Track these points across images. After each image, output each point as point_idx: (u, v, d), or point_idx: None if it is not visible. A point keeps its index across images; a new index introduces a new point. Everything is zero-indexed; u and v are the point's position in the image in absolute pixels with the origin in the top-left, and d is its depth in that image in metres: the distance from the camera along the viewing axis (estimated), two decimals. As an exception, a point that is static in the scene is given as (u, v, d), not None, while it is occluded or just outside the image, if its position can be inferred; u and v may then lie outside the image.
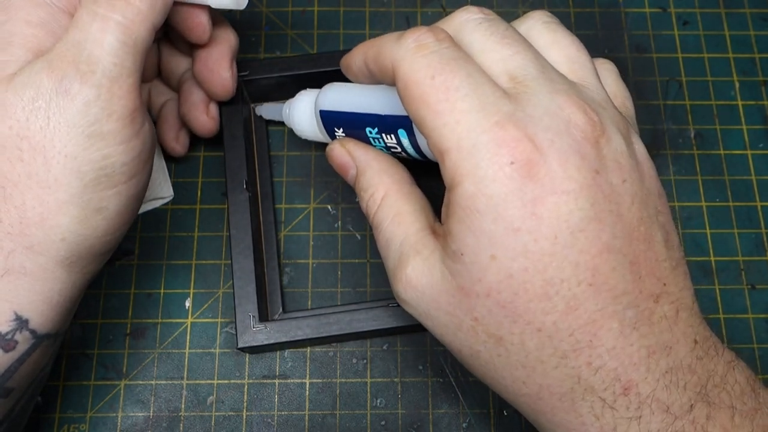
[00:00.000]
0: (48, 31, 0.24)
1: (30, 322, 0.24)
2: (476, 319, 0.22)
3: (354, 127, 0.29)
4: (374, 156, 0.28)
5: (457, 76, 0.21)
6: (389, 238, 0.25)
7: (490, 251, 0.21)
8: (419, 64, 0.22)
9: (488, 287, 0.21)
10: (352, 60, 0.27)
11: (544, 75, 0.22)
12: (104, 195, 0.24)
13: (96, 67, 0.23)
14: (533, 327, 0.21)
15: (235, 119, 0.35)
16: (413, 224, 0.25)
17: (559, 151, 0.21)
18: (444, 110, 0.21)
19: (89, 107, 0.23)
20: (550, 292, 0.21)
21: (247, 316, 0.32)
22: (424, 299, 0.23)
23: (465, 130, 0.21)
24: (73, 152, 0.23)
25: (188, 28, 0.30)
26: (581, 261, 0.21)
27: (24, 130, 0.23)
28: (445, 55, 0.22)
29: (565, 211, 0.20)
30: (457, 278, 0.22)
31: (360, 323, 0.32)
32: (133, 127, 0.25)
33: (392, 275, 0.25)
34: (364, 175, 0.27)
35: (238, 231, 0.33)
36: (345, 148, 0.28)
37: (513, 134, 0.21)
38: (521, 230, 0.20)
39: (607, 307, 0.21)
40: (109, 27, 0.24)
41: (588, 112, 0.22)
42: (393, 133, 0.27)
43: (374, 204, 0.27)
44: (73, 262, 0.25)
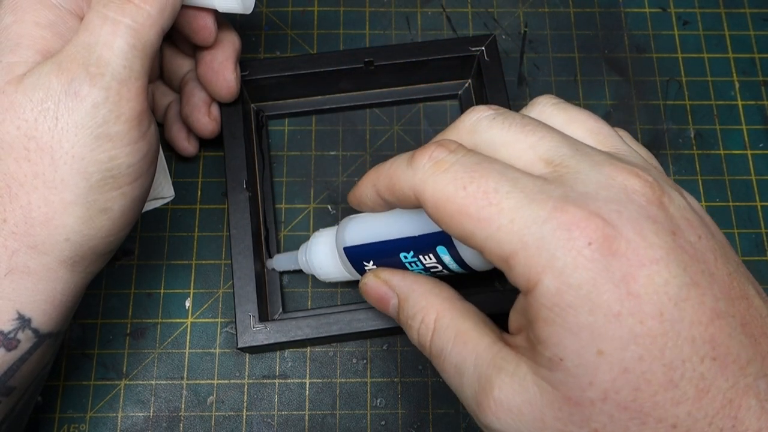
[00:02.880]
0: (56, 32, 0.25)
1: (32, 321, 0.24)
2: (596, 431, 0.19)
3: (386, 255, 0.27)
4: (414, 279, 0.25)
5: (490, 178, 0.20)
6: (458, 363, 0.22)
7: (596, 347, 0.18)
8: (444, 180, 0.21)
9: (603, 390, 0.18)
10: (361, 195, 0.25)
11: (579, 151, 0.21)
12: (109, 196, 0.25)
13: (105, 69, 0.24)
14: (667, 424, 0.18)
15: (236, 119, 0.35)
16: (482, 339, 0.22)
17: (630, 219, 0.19)
18: (491, 215, 0.20)
19: (98, 109, 0.23)
20: (674, 377, 0.18)
21: (247, 316, 0.32)
22: (523, 422, 0.20)
23: (523, 225, 0.19)
24: (81, 153, 0.23)
25: (194, 30, 0.30)
26: (696, 334, 0.18)
27: (32, 131, 0.23)
28: (467, 163, 0.21)
29: (661, 281, 0.18)
30: (561, 388, 0.19)
31: (360, 323, 0.32)
32: (140, 129, 0.25)
33: (476, 406, 0.21)
34: (408, 301, 0.25)
35: (238, 231, 0.33)
36: (380, 278, 0.26)
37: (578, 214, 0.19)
38: (622, 314, 0.18)
39: (738, 382, 0.18)
40: (119, 30, 0.24)
41: (641, 175, 0.20)
42: (431, 253, 0.25)
43: (427, 330, 0.24)
44: (77, 262, 0.25)
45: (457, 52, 0.36)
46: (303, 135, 0.38)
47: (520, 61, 0.40)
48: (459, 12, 0.41)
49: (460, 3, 0.41)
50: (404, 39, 0.40)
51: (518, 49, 0.40)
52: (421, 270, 0.26)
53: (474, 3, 0.41)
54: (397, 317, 0.26)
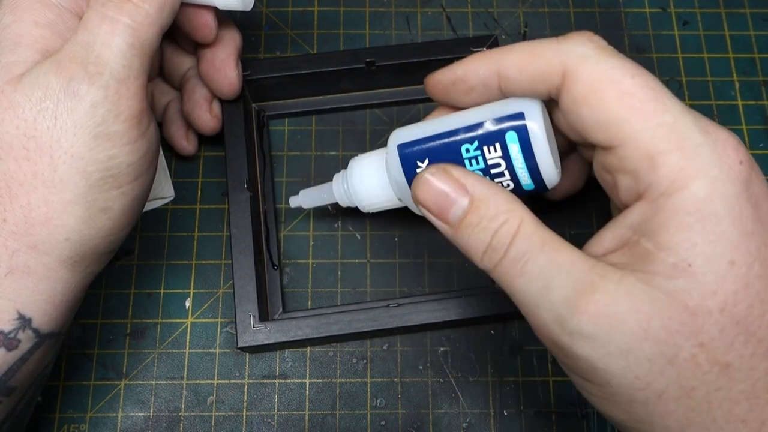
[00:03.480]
0: (55, 32, 0.25)
1: (33, 321, 0.24)
2: (702, 344, 0.19)
3: (444, 151, 0.24)
4: (494, 184, 0.23)
5: (652, 79, 0.21)
6: (545, 266, 0.21)
7: (730, 256, 0.19)
8: (610, 62, 0.21)
9: (724, 300, 0.19)
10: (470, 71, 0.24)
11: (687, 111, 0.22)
12: (109, 195, 0.25)
13: (104, 68, 0.24)
14: (765, 346, 0.19)
15: (237, 118, 0.35)
16: (575, 251, 0.21)
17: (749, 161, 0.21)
18: (656, 110, 0.20)
19: (96, 108, 0.23)
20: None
21: (247, 315, 0.32)
22: (623, 330, 0.19)
23: (687, 129, 0.20)
24: (80, 152, 0.23)
25: (194, 28, 0.30)
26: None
27: (31, 130, 0.23)
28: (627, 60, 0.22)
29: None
30: (681, 295, 0.19)
31: (360, 323, 0.32)
32: (140, 128, 0.25)
33: (566, 309, 0.20)
34: (488, 202, 0.22)
35: (239, 230, 0.33)
36: (450, 174, 0.23)
37: (731, 137, 0.20)
38: (755, 234, 0.19)
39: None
40: (117, 29, 0.24)
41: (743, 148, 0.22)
42: (499, 142, 0.23)
43: (508, 233, 0.22)
44: (77, 262, 0.25)
45: (458, 52, 0.35)
46: (303, 135, 0.38)
47: (520, 61, 0.40)
48: (459, 12, 0.41)
49: (460, 3, 0.41)
50: (404, 39, 0.40)
51: (518, 49, 0.40)
52: (480, 170, 0.24)
53: (474, 3, 0.41)
54: (458, 221, 0.23)
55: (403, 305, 0.32)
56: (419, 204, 0.24)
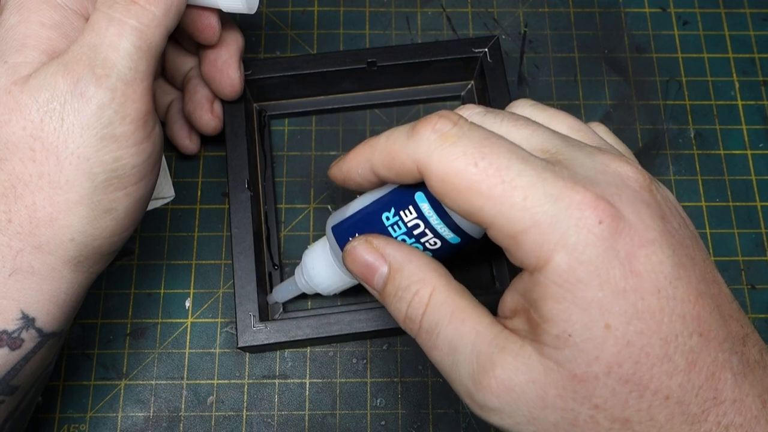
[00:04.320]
0: (62, 33, 0.25)
1: (36, 321, 0.24)
2: (597, 407, 0.20)
3: (368, 223, 0.26)
4: (410, 251, 0.24)
5: (500, 155, 0.20)
6: (454, 339, 0.22)
7: (604, 320, 0.19)
8: (453, 154, 0.21)
9: (608, 363, 0.19)
10: (350, 170, 0.25)
11: (570, 143, 0.22)
12: (114, 196, 0.25)
13: (111, 70, 0.24)
14: (661, 396, 0.19)
15: (238, 118, 0.35)
16: (482, 319, 0.22)
17: (629, 203, 0.20)
18: (504, 192, 0.20)
19: (103, 110, 0.23)
20: (669, 351, 0.19)
21: (247, 315, 0.32)
22: (525, 402, 0.20)
23: (537, 203, 0.20)
24: (86, 154, 0.23)
25: (198, 29, 0.30)
26: (686, 312, 0.20)
27: (38, 131, 0.23)
28: (475, 138, 0.21)
29: (657, 261, 0.19)
30: (568, 365, 0.20)
31: (360, 323, 0.32)
32: (145, 130, 0.25)
33: (472, 384, 0.21)
34: (402, 272, 0.23)
35: (240, 230, 0.33)
36: (371, 244, 0.24)
37: (587, 195, 0.19)
38: (627, 290, 0.19)
39: (718, 357, 0.20)
40: (124, 31, 0.24)
41: (631, 163, 0.21)
42: (411, 204, 0.24)
43: (420, 304, 0.23)
44: (81, 262, 0.25)
45: (460, 53, 0.35)
46: (303, 135, 0.38)
47: (520, 61, 0.40)
48: (459, 12, 0.41)
49: (460, 3, 0.41)
50: (404, 39, 0.40)
51: (518, 49, 0.40)
52: (404, 235, 0.25)
53: (474, 3, 0.41)
54: (381, 289, 0.24)
55: None
56: (350, 272, 0.25)
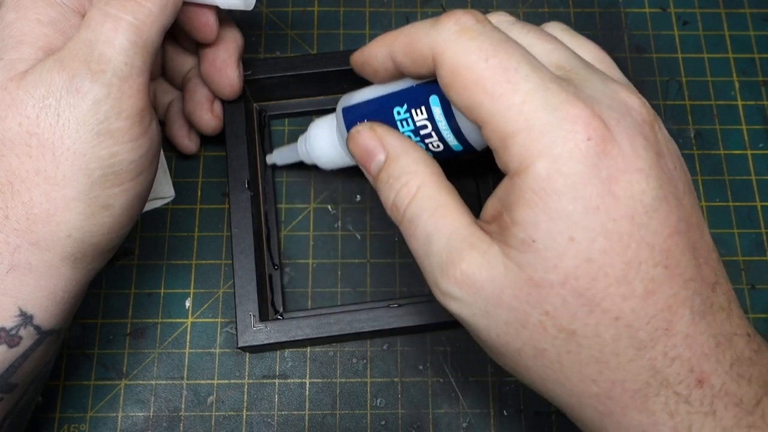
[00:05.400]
0: (58, 30, 0.25)
1: (34, 318, 0.24)
2: (547, 313, 0.21)
3: (380, 112, 0.26)
4: (410, 144, 0.25)
5: (513, 56, 0.21)
6: (431, 232, 0.23)
7: (569, 233, 0.20)
8: (468, 47, 0.21)
9: (565, 274, 0.20)
10: (371, 55, 0.25)
11: (589, 66, 0.22)
12: (111, 192, 0.25)
13: (107, 66, 0.24)
14: (611, 316, 0.20)
15: (238, 118, 0.35)
16: (461, 217, 0.23)
17: (627, 129, 0.20)
18: (506, 92, 0.20)
19: (99, 105, 0.24)
20: (629, 275, 0.20)
21: (247, 315, 0.32)
22: (482, 296, 0.22)
23: (534, 109, 0.20)
24: (82, 149, 0.23)
25: (195, 28, 0.30)
26: (656, 243, 0.20)
27: (34, 127, 0.23)
28: (493, 37, 0.21)
29: (639, 190, 0.20)
30: (527, 269, 0.21)
31: (360, 323, 0.32)
32: (142, 126, 0.25)
33: (440, 272, 0.23)
34: (397, 161, 0.25)
35: (240, 230, 0.33)
36: (375, 131, 0.25)
37: (585, 111, 0.20)
38: (600, 209, 0.20)
39: (679, 293, 0.20)
40: (120, 27, 0.24)
41: (641, 97, 0.22)
42: (424, 105, 0.25)
43: (407, 194, 0.24)
44: (78, 259, 0.25)
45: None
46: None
47: (520, 61, 0.40)
48: (459, 12, 0.41)
49: (460, 3, 0.41)
50: (404, 39, 0.40)
51: (518, 49, 0.40)
52: (411, 131, 0.26)
53: (474, 3, 0.41)
54: (376, 174, 0.25)
55: (404, 306, 0.32)
56: (351, 154, 0.26)
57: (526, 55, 0.21)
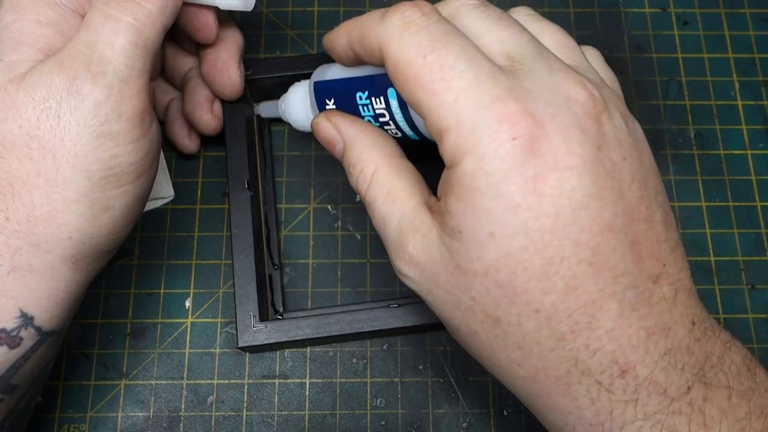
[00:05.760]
0: (58, 31, 0.25)
1: (35, 319, 0.24)
2: (474, 299, 0.22)
3: (344, 94, 0.27)
4: (362, 129, 0.27)
5: (450, 52, 0.21)
6: (385, 215, 0.25)
7: (489, 229, 0.21)
8: (408, 42, 0.22)
9: (486, 266, 0.21)
10: (333, 41, 0.26)
11: (540, 54, 0.22)
12: (112, 194, 0.25)
13: (107, 68, 0.24)
14: (531, 308, 0.21)
15: (238, 118, 0.35)
16: (409, 200, 0.24)
17: (561, 125, 0.20)
18: (440, 89, 0.21)
19: (100, 107, 0.23)
20: (549, 271, 0.20)
21: (247, 315, 0.32)
22: (425, 276, 0.23)
23: (464, 107, 0.21)
24: (83, 151, 0.23)
25: (195, 28, 0.30)
26: (582, 240, 0.20)
27: (34, 129, 0.23)
28: (435, 31, 0.22)
29: (568, 187, 0.20)
30: (455, 256, 0.22)
31: (360, 323, 0.32)
32: (142, 128, 0.25)
33: (393, 252, 0.25)
34: (352, 149, 0.26)
35: (240, 230, 0.33)
36: (330, 121, 0.27)
37: (514, 109, 0.20)
38: (521, 207, 0.20)
39: (606, 288, 0.21)
40: (120, 28, 0.24)
41: (588, 87, 0.21)
42: (383, 95, 0.26)
43: (365, 181, 0.26)
44: (79, 260, 0.25)
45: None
46: (303, 135, 0.38)
47: (520, 61, 0.40)
48: (459, 12, 0.41)
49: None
50: (404, 39, 0.40)
51: (518, 49, 0.40)
52: (371, 117, 0.27)
53: (474, 3, 0.41)
54: (341, 160, 0.27)
55: (404, 306, 0.32)
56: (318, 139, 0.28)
57: (467, 49, 0.21)
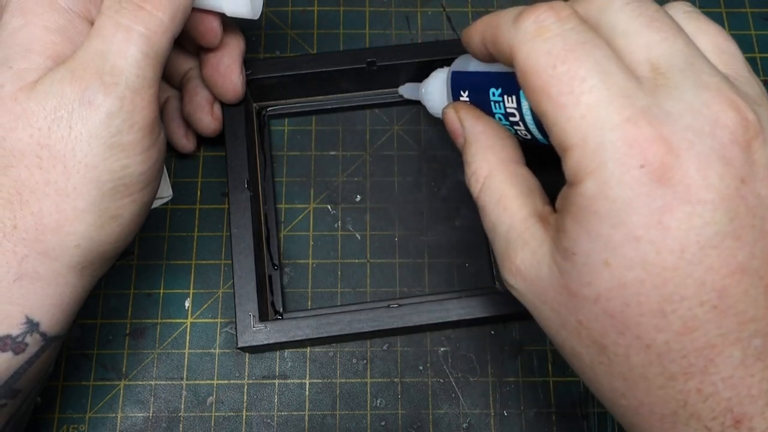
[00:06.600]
0: (66, 37, 0.24)
1: (41, 325, 0.24)
2: (581, 322, 0.21)
3: (479, 88, 0.27)
4: (483, 129, 0.26)
5: (583, 64, 0.19)
6: (495, 222, 0.24)
7: (604, 256, 0.19)
8: (539, 50, 0.20)
9: (597, 293, 0.20)
10: (471, 37, 0.25)
11: (691, 66, 0.20)
12: (121, 203, 0.25)
13: (120, 78, 0.23)
14: (642, 342, 0.20)
15: (238, 118, 0.35)
16: (519, 210, 0.24)
17: (699, 154, 0.18)
18: (568, 103, 0.19)
19: (112, 118, 0.23)
20: (666, 309, 0.19)
21: (247, 315, 0.31)
22: (532, 291, 0.22)
23: (591, 126, 0.19)
24: (94, 162, 0.23)
25: (200, 32, 0.30)
26: (708, 280, 0.19)
27: (45, 139, 0.23)
28: (569, 39, 0.20)
29: (698, 223, 0.18)
30: (565, 277, 0.21)
31: (360, 323, 0.32)
32: (152, 137, 0.25)
33: (500, 261, 0.24)
34: (470, 147, 0.26)
35: (239, 230, 0.33)
36: (458, 113, 0.27)
37: (646, 133, 0.18)
38: (642, 239, 0.19)
39: (730, 333, 0.19)
40: (132, 38, 0.24)
41: (741, 109, 0.19)
42: (515, 95, 0.25)
43: (477, 183, 0.25)
44: (85, 267, 0.25)
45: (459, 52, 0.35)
46: (303, 135, 0.38)
47: (520, 60, 0.40)
48: (459, 12, 0.41)
49: (460, 3, 0.41)
50: (404, 39, 0.40)
51: (518, 49, 0.40)
52: (502, 115, 0.26)
53: (474, 3, 0.41)
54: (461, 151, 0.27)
55: (404, 306, 0.32)
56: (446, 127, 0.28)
57: (602, 60, 0.20)
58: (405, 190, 0.37)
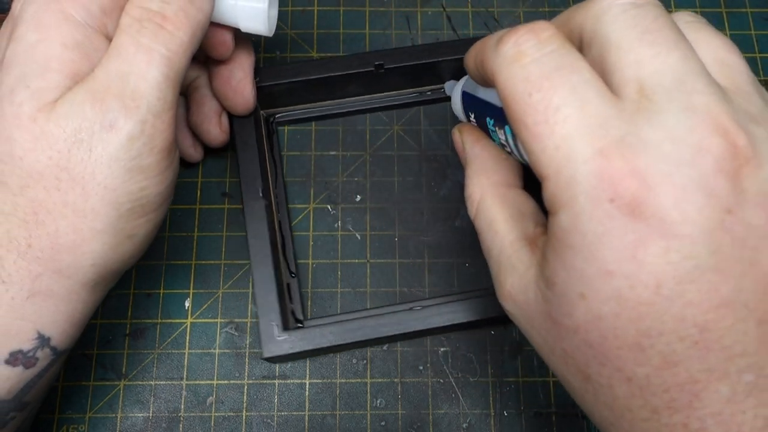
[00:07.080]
0: (84, 54, 0.24)
1: (51, 340, 0.24)
2: (565, 351, 0.21)
3: (479, 114, 0.28)
4: (479, 152, 0.27)
5: (558, 92, 0.19)
6: (488, 246, 0.25)
7: (580, 289, 0.19)
8: (517, 77, 0.20)
9: (576, 324, 0.19)
10: (467, 62, 0.25)
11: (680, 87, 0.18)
12: (137, 223, 0.25)
13: (141, 101, 0.23)
14: (623, 375, 0.19)
15: (247, 126, 0.34)
16: (508, 235, 0.24)
17: (676, 186, 0.17)
18: (543, 134, 0.19)
19: (133, 142, 0.23)
20: (644, 343, 0.18)
21: (270, 325, 0.31)
22: (522, 315, 0.22)
23: (564, 158, 0.18)
24: (113, 185, 0.23)
25: (212, 45, 0.30)
26: (688, 315, 0.18)
27: (64, 162, 0.23)
28: (546, 65, 0.19)
29: (676, 258, 0.17)
30: (548, 305, 0.21)
31: (385, 327, 0.31)
32: (170, 158, 0.25)
33: (494, 284, 0.24)
34: (468, 170, 0.27)
35: (257, 239, 0.32)
36: (461, 135, 0.28)
37: (617, 165, 0.18)
38: (615, 274, 0.18)
39: (716, 369, 0.18)
40: (153, 60, 0.23)
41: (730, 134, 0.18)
42: (503, 129, 0.25)
43: (472, 207, 0.26)
44: (98, 284, 0.25)
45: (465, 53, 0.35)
46: (303, 135, 0.38)
47: (520, 60, 0.40)
48: (459, 12, 0.41)
49: (460, 3, 0.41)
50: (404, 39, 0.40)
51: (519, 49, 0.40)
52: (499, 143, 0.26)
53: (474, 2, 0.41)
54: None
55: (427, 308, 0.32)
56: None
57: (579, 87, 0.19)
58: (405, 190, 0.37)
